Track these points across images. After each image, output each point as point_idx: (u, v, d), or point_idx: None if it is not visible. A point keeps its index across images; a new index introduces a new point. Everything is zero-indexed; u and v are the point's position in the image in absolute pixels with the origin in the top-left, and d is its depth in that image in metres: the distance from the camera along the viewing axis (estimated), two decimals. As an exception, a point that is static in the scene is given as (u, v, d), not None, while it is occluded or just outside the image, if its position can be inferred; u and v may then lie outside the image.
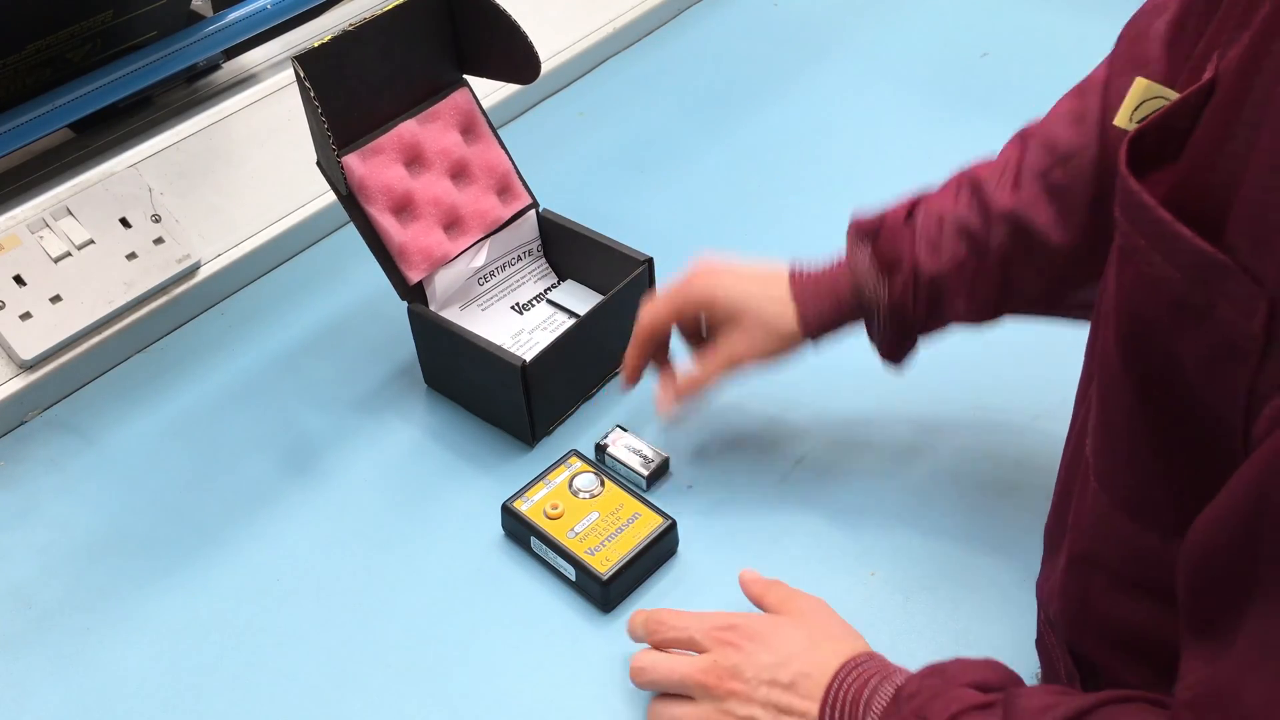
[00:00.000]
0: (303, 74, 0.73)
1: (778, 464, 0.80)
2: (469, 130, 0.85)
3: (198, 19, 1.05)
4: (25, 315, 0.86)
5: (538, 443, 0.83)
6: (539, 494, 0.75)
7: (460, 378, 0.84)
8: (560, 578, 0.74)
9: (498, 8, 0.80)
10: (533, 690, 0.68)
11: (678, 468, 0.80)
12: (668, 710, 0.63)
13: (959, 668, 0.55)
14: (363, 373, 0.89)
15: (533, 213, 0.89)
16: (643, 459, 0.79)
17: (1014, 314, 0.71)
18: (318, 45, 0.74)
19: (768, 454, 0.81)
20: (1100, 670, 0.56)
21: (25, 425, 0.87)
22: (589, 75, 1.22)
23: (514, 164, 0.87)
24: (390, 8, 0.78)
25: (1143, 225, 0.42)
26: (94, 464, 0.84)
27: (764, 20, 1.28)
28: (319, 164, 0.80)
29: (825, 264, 0.74)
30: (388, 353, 0.90)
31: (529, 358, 0.78)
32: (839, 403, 0.84)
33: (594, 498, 0.75)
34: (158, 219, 0.93)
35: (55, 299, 0.87)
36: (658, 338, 0.78)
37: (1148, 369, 0.45)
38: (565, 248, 0.90)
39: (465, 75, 0.86)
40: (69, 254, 0.89)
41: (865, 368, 0.84)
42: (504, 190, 0.86)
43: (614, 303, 0.83)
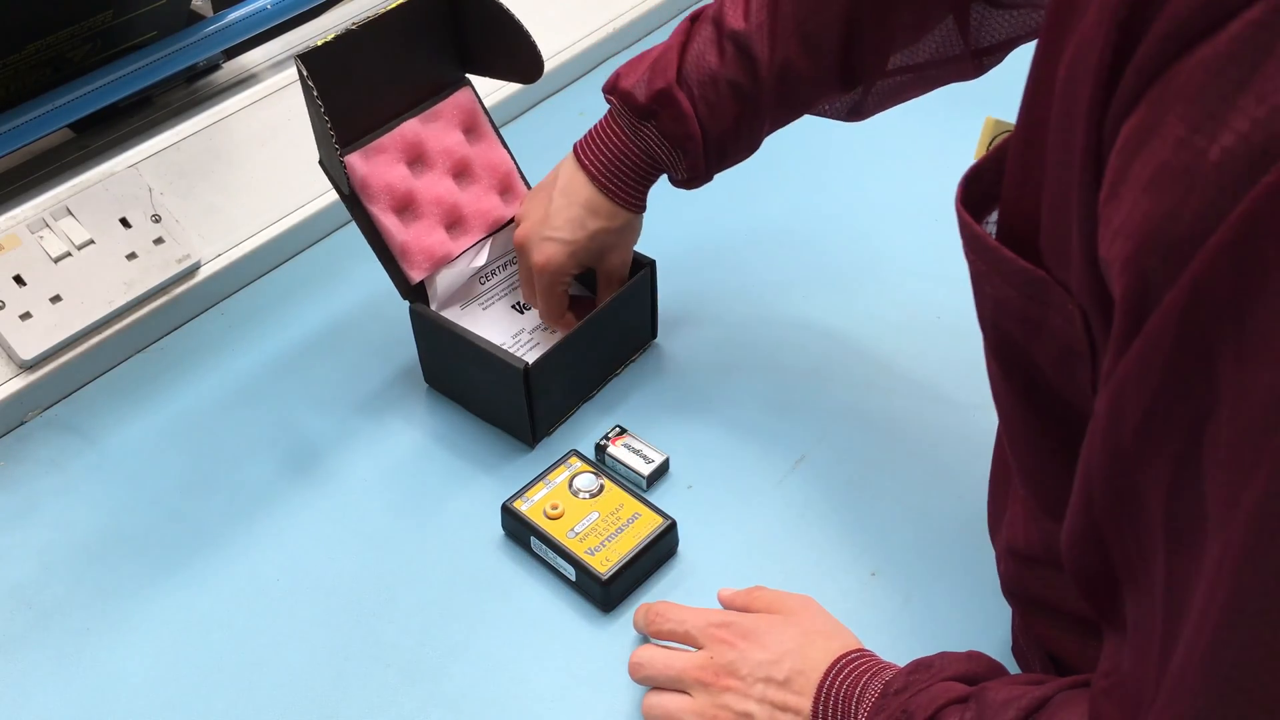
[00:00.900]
0: (306, 72, 0.73)
1: (778, 464, 0.80)
2: (471, 129, 0.85)
3: (198, 19, 1.05)
4: (25, 315, 0.86)
5: (538, 443, 0.83)
6: (539, 494, 0.75)
7: (461, 378, 0.84)
8: (560, 578, 0.74)
9: (501, 7, 0.80)
10: (533, 690, 0.68)
11: (678, 468, 0.80)
12: (662, 703, 0.63)
13: (944, 662, 0.56)
14: (363, 373, 0.89)
15: (533, 213, 0.88)
16: (643, 459, 0.79)
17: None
18: (321, 44, 0.74)
19: (768, 454, 0.81)
20: (1069, 665, 0.58)
21: (25, 425, 0.87)
22: (589, 75, 1.22)
23: (516, 164, 0.87)
24: (393, 7, 0.78)
25: (981, 253, 0.47)
26: (94, 464, 0.84)
27: (764, 21, 1.28)
28: (321, 163, 0.80)
29: (609, 139, 0.78)
30: (389, 353, 0.90)
31: (530, 359, 0.78)
32: (839, 403, 0.84)
33: (594, 498, 0.75)
34: (158, 219, 0.93)
35: (55, 299, 0.87)
36: (565, 310, 0.84)
37: (1021, 377, 0.49)
38: (565, 248, 0.90)
39: (468, 74, 0.86)
40: (69, 254, 0.89)
41: (865, 368, 0.84)
42: (506, 190, 0.86)
43: (616, 304, 0.83)
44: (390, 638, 0.71)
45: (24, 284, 0.86)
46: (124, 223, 0.92)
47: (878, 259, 0.97)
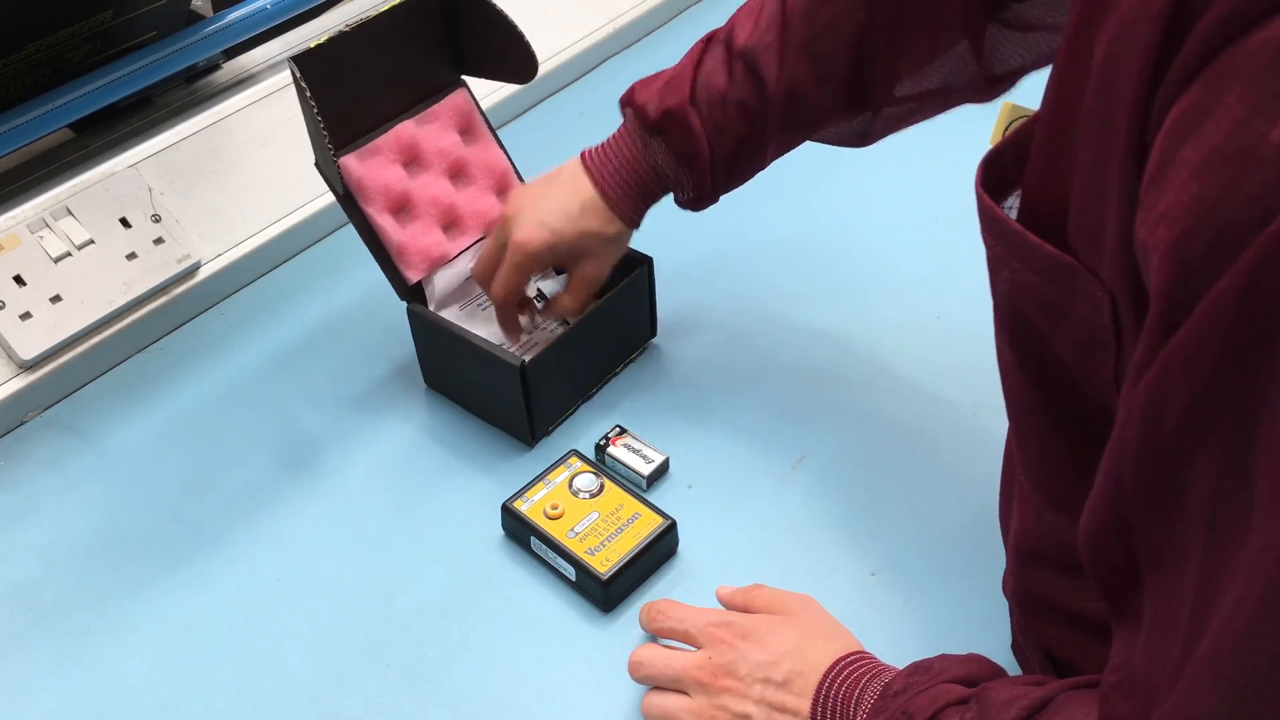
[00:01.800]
0: (299, 75, 0.73)
1: (778, 464, 0.80)
2: (467, 130, 0.85)
3: (198, 19, 1.05)
4: (25, 315, 0.86)
5: (537, 443, 0.83)
6: (539, 494, 0.75)
7: (459, 378, 0.84)
8: (560, 578, 0.74)
9: (494, 8, 0.80)
10: (533, 690, 0.68)
11: (678, 468, 0.80)
12: (661, 703, 0.63)
13: (944, 664, 0.56)
14: (362, 373, 0.89)
15: (532, 212, 0.88)
16: (643, 459, 0.79)
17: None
18: (314, 46, 0.74)
19: (768, 454, 0.81)
20: (1061, 664, 0.58)
21: (25, 425, 0.87)
22: (589, 75, 1.22)
23: (513, 164, 0.87)
24: (387, 8, 0.78)
25: (1001, 237, 0.46)
26: (94, 464, 0.84)
27: (764, 20, 1.28)
28: (317, 165, 0.80)
29: (618, 149, 0.78)
30: (387, 353, 0.90)
31: (528, 358, 0.78)
32: (839, 403, 0.84)
33: (594, 498, 0.75)
34: (158, 219, 0.93)
35: (55, 299, 0.87)
36: (518, 300, 0.83)
37: (1036, 365, 0.48)
38: (565, 247, 0.90)
39: (463, 76, 0.86)
40: (69, 254, 0.89)
41: (865, 368, 0.84)
42: (503, 190, 0.86)
43: (613, 303, 0.83)
44: (390, 638, 0.71)
45: (24, 284, 0.87)
46: (124, 223, 0.92)
47: (878, 260, 0.96)
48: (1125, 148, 0.38)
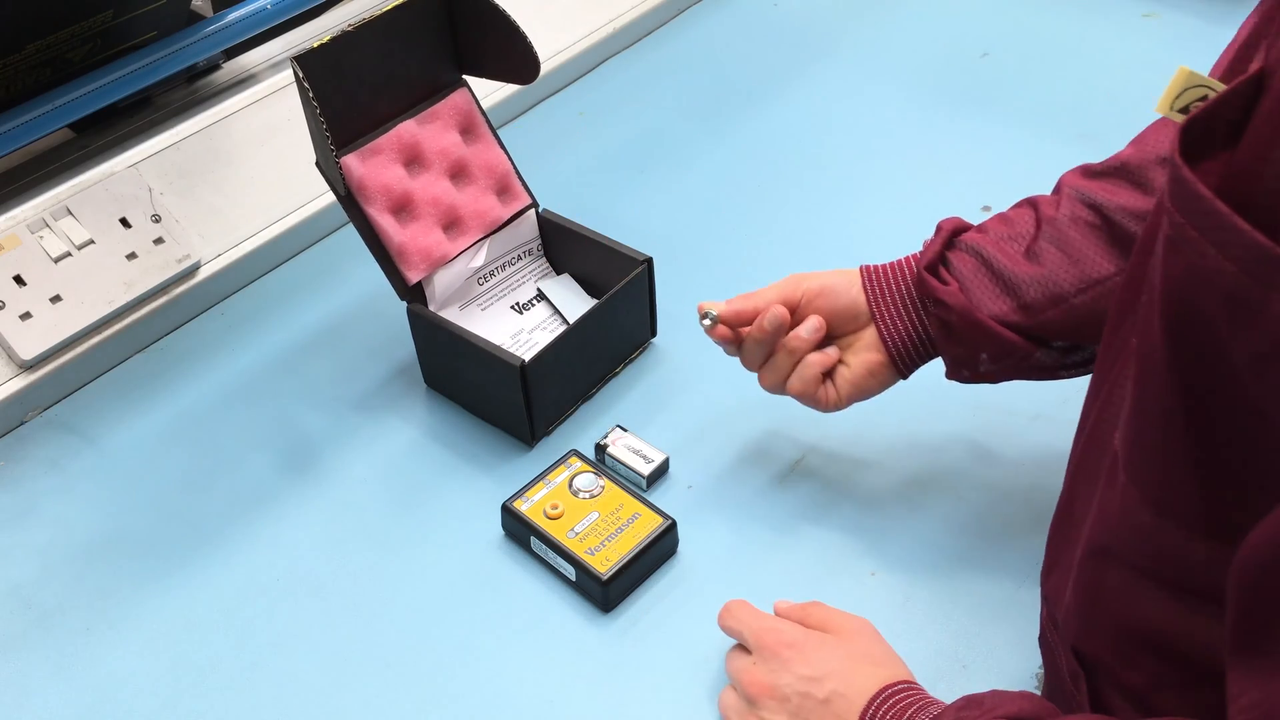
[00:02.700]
0: (301, 74, 0.73)
1: (778, 464, 0.80)
2: (468, 130, 0.85)
3: (198, 19, 1.05)
4: (25, 315, 0.86)
5: (537, 443, 0.83)
6: (539, 494, 0.75)
7: (459, 378, 0.84)
8: (560, 578, 0.74)
9: (496, 8, 0.80)
10: (533, 690, 0.68)
11: (677, 468, 0.80)
12: (723, 696, 0.65)
13: (995, 699, 0.55)
14: (362, 373, 0.89)
15: (532, 212, 0.89)
16: (643, 459, 0.79)
17: None
18: (316, 45, 0.74)
19: (768, 454, 0.81)
20: (1103, 668, 0.56)
21: (25, 425, 0.87)
22: (589, 75, 1.22)
23: (513, 164, 0.87)
24: (389, 8, 0.78)
25: (1196, 217, 0.40)
26: (94, 464, 0.84)
27: (764, 20, 1.28)
28: (318, 164, 0.80)
29: (903, 305, 0.73)
30: (387, 353, 0.90)
31: (528, 357, 0.78)
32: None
33: (594, 498, 0.75)
34: (158, 219, 0.93)
35: (55, 299, 0.87)
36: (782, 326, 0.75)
37: (1194, 363, 0.43)
38: (565, 247, 0.90)
39: (464, 75, 0.86)
40: (69, 254, 0.89)
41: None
42: (503, 190, 0.86)
43: (613, 303, 0.83)
44: (390, 637, 0.71)
45: (24, 284, 0.87)
46: (124, 223, 0.92)
47: (879, 260, 0.96)
48: None
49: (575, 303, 0.89)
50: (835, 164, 1.08)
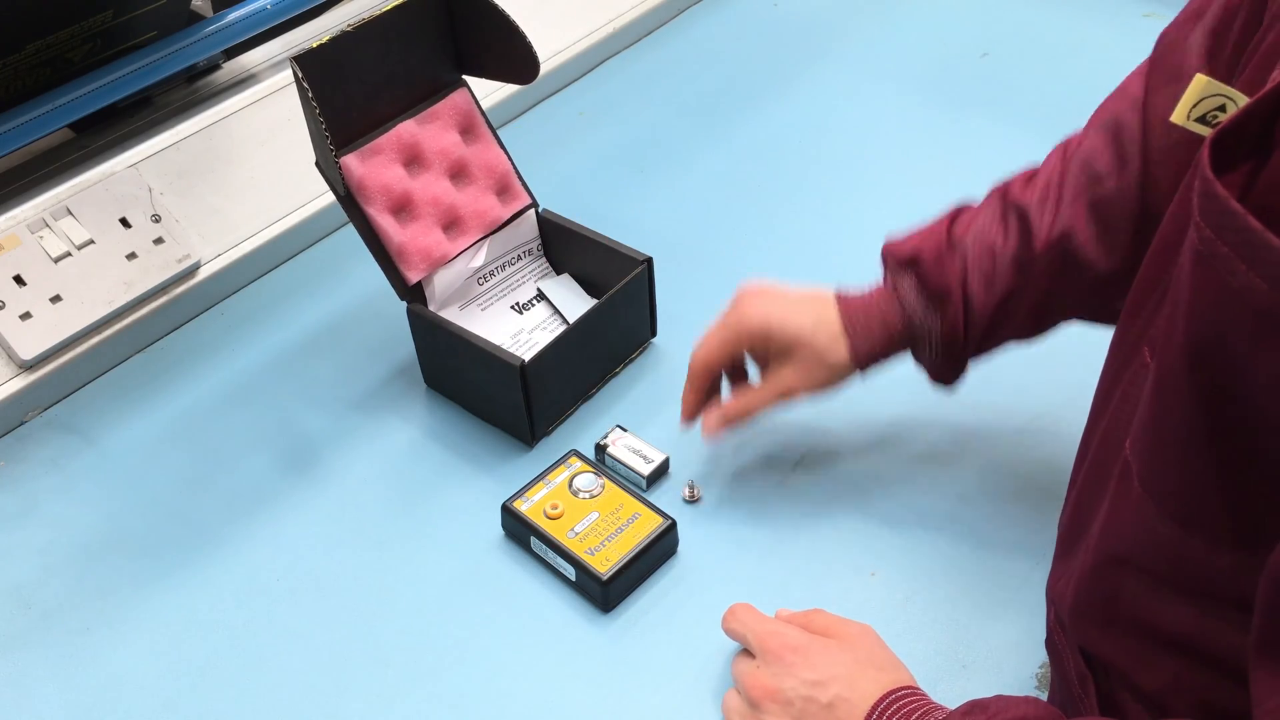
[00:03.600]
0: (301, 74, 0.73)
1: (778, 464, 0.80)
2: (468, 130, 0.85)
3: (198, 19, 1.05)
4: (25, 315, 0.86)
5: (537, 443, 0.83)
6: (539, 494, 0.75)
7: (459, 378, 0.84)
8: (560, 578, 0.74)
9: (496, 8, 0.80)
10: (533, 690, 0.68)
11: (678, 468, 0.80)
12: (727, 699, 0.65)
13: (1000, 704, 0.54)
14: (362, 373, 0.89)
15: (532, 212, 0.89)
16: (643, 459, 0.79)
17: (1058, 326, 0.72)
18: (316, 46, 0.74)
19: (768, 454, 0.81)
20: (1113, 671, 0.56)
21: (25, 425, 0.87)
22: (589, 75, 1.22)
23: (513, 164, 0.87)
24: (389, 8, 0.78)
25: (1227, 232, 0.39)
26: (94, 464, 0.84)
27: (764, 20, 1.28)
28: (318, 164, 0.80)
29: (870, 291, 0.73)
30: (387, 353, 0.90)
31: (528, 357, 0.78)
32: (838, 404, 0.84)
33: (594, 498, 0.75)
34: (158, 219, 0.93)
35: (55, 299, 0.87)
36: (713, 374, 0.77)
37: (1215, 378, 0.42)
38: (565, 247, 0.90)
39: (464, 75, 0.86)
40: (69, 254, 0.89)
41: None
42: (503, 190, 0.86)
43: (613, 303, 0.83)
44: (390, 637, 0.71)
45: (24, 284, 0.87)
46: (124, 223, 0.92)
47: (879, 261, 0.96)
48: None
49: (575, 303, 0.89)
50: (835, 164, 1.08)
